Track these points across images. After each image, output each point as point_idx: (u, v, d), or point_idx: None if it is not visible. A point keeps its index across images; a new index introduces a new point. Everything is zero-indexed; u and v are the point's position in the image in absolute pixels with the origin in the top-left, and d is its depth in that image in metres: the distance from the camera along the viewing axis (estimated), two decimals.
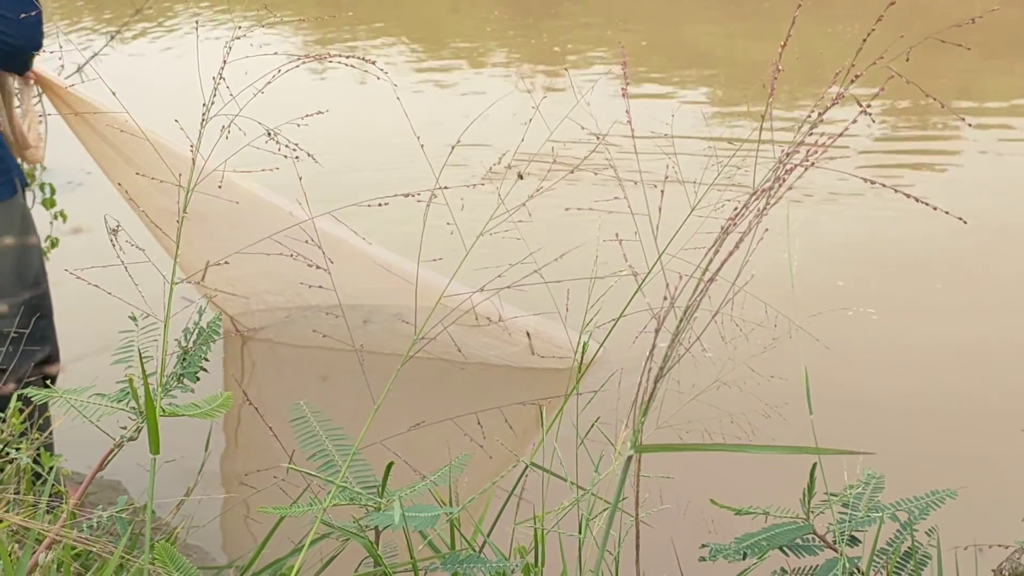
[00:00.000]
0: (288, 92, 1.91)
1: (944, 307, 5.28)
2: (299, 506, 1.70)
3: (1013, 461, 3.97)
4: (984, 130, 8.05)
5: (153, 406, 1.42)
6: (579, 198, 1.64)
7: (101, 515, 1.71)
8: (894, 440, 4.00)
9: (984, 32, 9.81)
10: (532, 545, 2.07)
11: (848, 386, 4.46)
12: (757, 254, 1.53)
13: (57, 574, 1.82)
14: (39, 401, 1.79)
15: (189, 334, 1.78)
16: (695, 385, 2.24)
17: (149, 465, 1.63)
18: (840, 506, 1.94)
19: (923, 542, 1.91)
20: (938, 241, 5.84)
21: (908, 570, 1.89)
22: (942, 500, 1.96)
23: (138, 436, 1.72)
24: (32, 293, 3.40)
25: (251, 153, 1.63)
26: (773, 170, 1.23)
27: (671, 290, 1.23)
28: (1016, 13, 11.38)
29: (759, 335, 2.26)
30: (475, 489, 1.84)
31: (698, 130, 7.75)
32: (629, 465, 1.10)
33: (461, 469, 1.79)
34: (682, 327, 1.17)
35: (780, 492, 2.10)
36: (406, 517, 1.60)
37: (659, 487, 2.07)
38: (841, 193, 6.59)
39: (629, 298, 1.54)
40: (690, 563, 2.02)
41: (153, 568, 1.55)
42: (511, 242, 1.75)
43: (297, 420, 1.80)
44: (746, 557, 1.91)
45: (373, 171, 6.39)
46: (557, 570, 2.02)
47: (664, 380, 1.13)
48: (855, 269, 5.65)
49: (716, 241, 1.21)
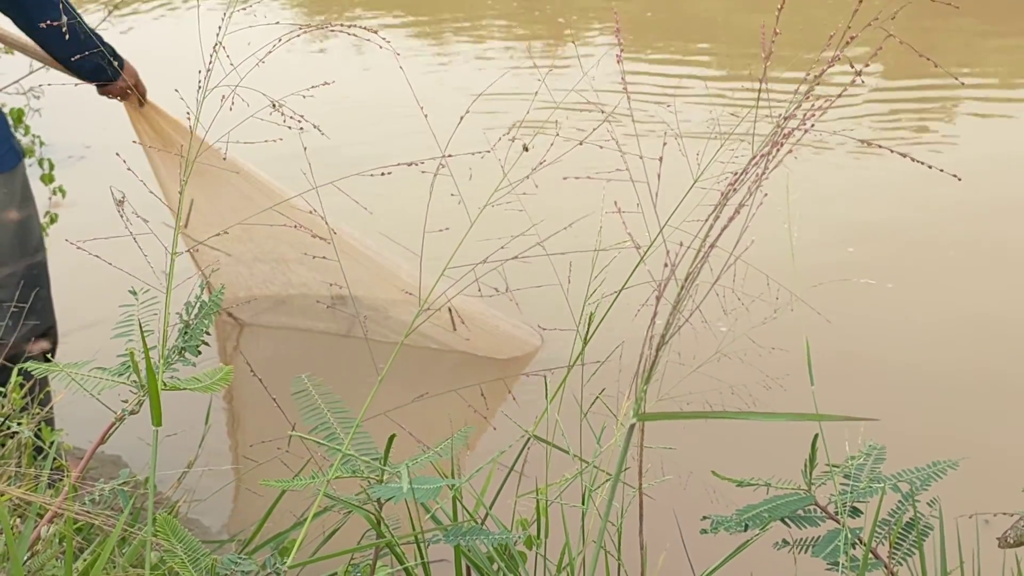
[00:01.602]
0: (287, 69, 1.90)
1: (953, 277, 5.27)
2: (301, 479, 1.69)
3: (1017, 432, 3.97)
4: (984, 103, 8.04)
5: (155, 378, 1.42)
6: (584, 167, 1.63)
7: (103, 488, 1.71)
8: (897, 411, 4.00)
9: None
10: (534, 518, 2.07)
11: (851, 357, 4.46)
12: (758, 227, 1.52)
13: (59, 547, 1.82)
14: (39, 375, 1.78)
15: (191, 308, 1.77)
16: (696, 357, 2.23)
17: (151, 439, 1.62)
18: (842, 477, 1.95)
19: (925, 513, 1.91)
20: (949, 211, 5.82)
21: (910, 541, 1.89)
22: (944, 471, 1.96)
23: (140, 410, 1.72)
24: (32, 260, 3.40)
25: (254, 125, 1.62)
26: (771, 135, 1.22)
27: (671, 257, 1.23)
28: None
29: (760, 307, 2.26)
30: (479, 462, 1.84)
31: (700, 99, 7.74)
32: (631, 434, 1.10)
33: (464, 442, 1.79)
34: (683, 295, 1.16)
35: (782, 464, 2.10)
36: (409, 489, 1.59)
37: (661, 459, 2.07)
38: (845, 165, 6.57)
39: (631, 270, 1.54)
40: (692, 534, 2.02)
41: (155, 540, 1.55)
42: (515, 213, 1.74)
43: (299, 393, 1.79)
44: (748, 529, 1.91)
45: (375, 143, 6.38)
46: (559, 542, 2.03)
47: (665, 349, 1.12)
48: (861, 239, 5.64)
49: (716, 207, 1.20)
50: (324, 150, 2.20)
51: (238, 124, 1.58)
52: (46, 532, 1.73)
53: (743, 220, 1.25)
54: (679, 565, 2.04)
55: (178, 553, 1.56)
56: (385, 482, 1.67)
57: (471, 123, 1.88)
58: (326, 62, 9.75)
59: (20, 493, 1.66)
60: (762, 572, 2.01)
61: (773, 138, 1.21)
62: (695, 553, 2.05)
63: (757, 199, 1.24)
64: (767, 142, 1.21)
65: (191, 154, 1.50)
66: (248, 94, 1.61)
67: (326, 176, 1.72)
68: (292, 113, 1.60)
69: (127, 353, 1.67)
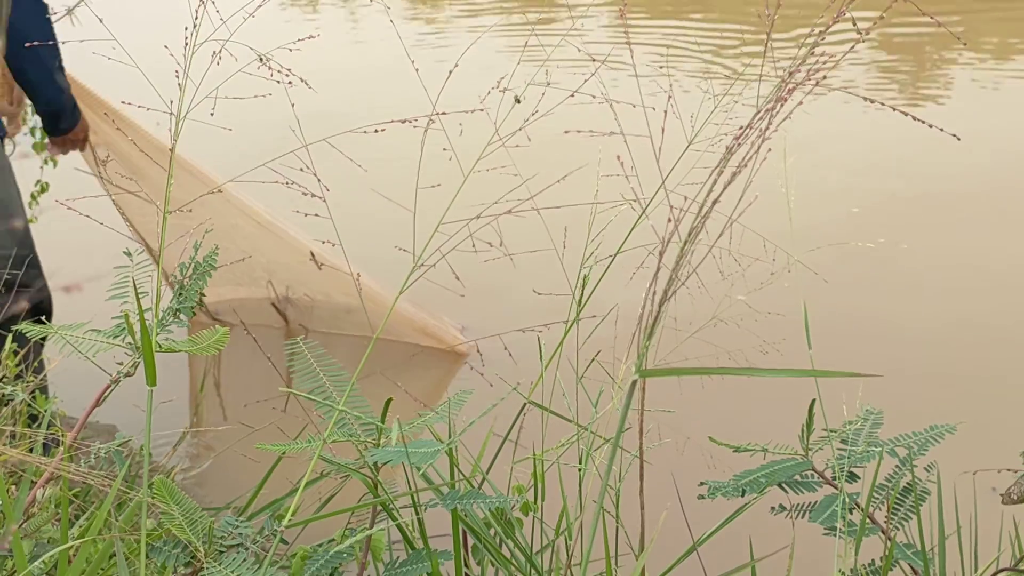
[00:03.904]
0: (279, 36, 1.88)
1: (956, 237, 5.27)
2: (298, 442, 1.68)
3: (1017, 395, 3.97)
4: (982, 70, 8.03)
5: (149, 337, 1.41)
6: (580, 125, 1.61)
7: (99, 448, 1.70)
8: (896, 375, 3.99)
9: None
10: (531, 484, 2.07)
11: (849, 320, 4.46)
12: (757, 191, 1.51)
13: (55, 511, 1.81)
14: (34, 336, 1.77)
15: (184, 268, 1.76)
16: (692, 323, 2.22)
17: (145, 405, 1.61)
18: (839, 442, 1.94)
19: (923, 477, 1.91)
20: (948, 172, 5.82)
21: (908, 505, 1.89)
22: (941, 435, 1.96)
23: (135, 372, 1.71)
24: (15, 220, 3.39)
25: (243, 81, 1.60)
26: (776, 89, 1.21)
27: (674, 213, 1.22)
28: None
29: (757, 273, 2.25)
30: (477, 429, 1.83)
31: (697, 61, 7.73)
32: (633, 391, 1.09)
33: (460, 404, 1.78)
34: (686, 249, 1.15)
35: (779, 430, 2.10)
36: (406, 453, 1.59)
37: (658, 425, 2.07)
38: (845, 128, 6.56)
39: (630, 229, 1.53)
40: (690, 500, 2.02)
41: (151, 501, 1.54)
42: (509, 173, 1.73)
43: (294, 356, 1.78)
44: (745, 494, 1.91)
45: (365, 108, 6.35)
46: (556, 507, 2.02)
47: (665, 309, 1.11)
48: (863, 200, 5.63)
49: (721, 161, 1.19)
50: (315, 116, 2.19)
51: (227, 79, 1.56)
52: (42, 495, 1.72)
53: (746, 176, 1.23)
54: (677, 529, 2.03)
55: (175, 515, 1.55)
56: (382, 446, 1.66)
57: (464, 82, 1.86)
58: (317, 31, 9.69)
59: (16, 453, 1.65)
60: (760, 537, 2.00)
61: (779, 92, 1.20)
62: (693, 518, 2.05)
63: (761, 154, 1.23)
64: (772, 97, 1.20)
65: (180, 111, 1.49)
66: (240, 51, 1.60)
67: (318, 133, 1.70)
68: (280, 67, 1.58)
69: (122, 315, 1.66)
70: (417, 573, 1.68)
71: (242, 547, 1.59)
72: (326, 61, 7.70)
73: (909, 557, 1.85)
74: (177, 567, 1.60)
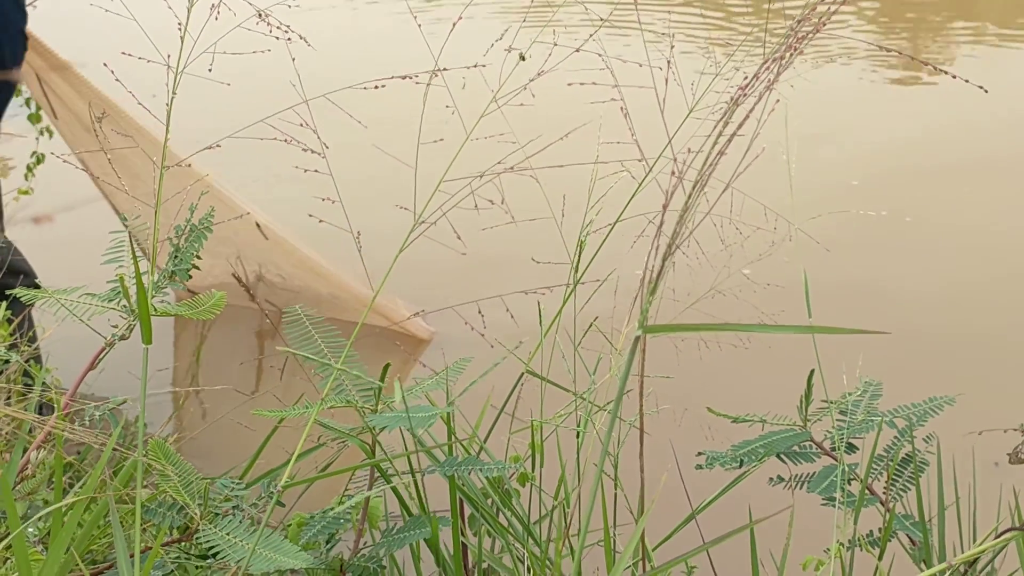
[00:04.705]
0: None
1: (960, 208, 5.25)
2: (295, 408, 1.67)
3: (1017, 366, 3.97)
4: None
5: (145, 295, 1.39)
6: (583, 86, 1.60)
7: (94, 408, 1.68)
8: (897, 345, 3.98)
9: None
10: (528, 453, 2.06)
11: (852, 289, 4.45)
12: (761, 158, 1.49)
13: (49, 472, 1.80)
14: (28, 300, 1.76)
15: (180, 231, 1.74)
16: (690, 294, 2.21)
17: (140, 373, 1.59)
18: (838, 413, 1.93)
19: (921, 448, 1.90)
20: (960, 143, 5.81)
21: (906, 476, 1.88)
22: (941, 407, 1.95)
23: (130, 335, 1.69)
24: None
25: (241, 35, 1.58)
26: (786, 36, 1.20)
27: (678, 166, 1.20)
28: None
29: (756, 244, 2.23)
30: (474, 393, 1.82)
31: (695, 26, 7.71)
32: (635, 348, 1.08)
33: (459, 372, 1.77)
34: (691, 202, 1.14)
35: (778, 401, 2.09)
36: (405, 418, 1.58)
37: (656, 395, 2.06)
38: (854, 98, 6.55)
39: (631, 194, 1.52)
40: (688, 469, 2.01)
41: (147, 460, 1.52)
42: (511, 133, 1.71)
43: (291, 323, 1.77)
44: (743, 464, 1.90)
45: (366, 60, 6.32)
46: (555, 477, 2.01)
47: (670, 262, 1.10)
48: (869, 170, 5.62)
49: (725, 113, 1.18)
50: (314, 74, 2.16)
51: (226, 33, 1.54)
52: (36, 457, 1.71)
53: (751, 133, 1.22)
54: (676, 499, 2.03)
55: (171, 476, 1.54)
56: (379, 412, 1.65)
57: (467, 42, 1.84)
58: None
59: (12, 411, 1.64)
60: (759, 507, 2.00)
61: (788, 41, 1.18)
62: (692, 487, 2.05)
63: (768, 107, 1.21)
64: (781, 47, 1.19)
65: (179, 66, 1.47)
66: (237, 7, 1.58)
67: (318, 88, 1.68)
68: (279, 23, 1.57)
69: (117, 277, 1.65)
70: (415, 539, 1.67)
71: (238, 510, 1.58)
72: (324, 23, 7.67)
73: (908, 528, 1.85)
74: (172, 529, 1.59)
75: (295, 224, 4.36)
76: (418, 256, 1.73)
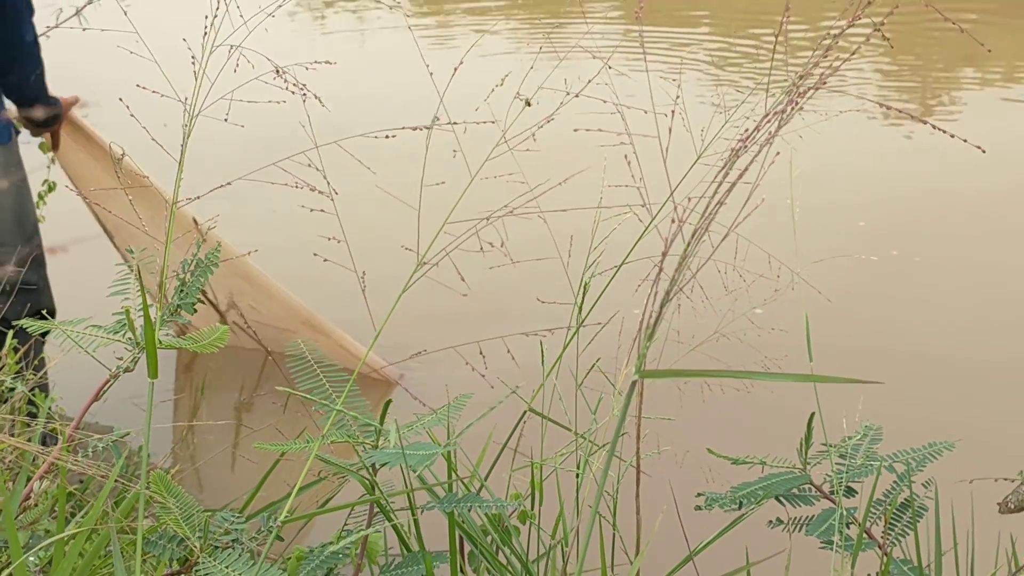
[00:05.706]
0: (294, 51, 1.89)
1: (963, 256, 5.26)
2: (296, 442, 1.68)
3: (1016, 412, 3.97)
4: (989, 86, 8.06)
5: (152, 329, 1.41)
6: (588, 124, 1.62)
7: (97, 440, 1.70)
8: (896, 391, 3.98)
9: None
10: (528, 491, 2.06)
11: (851, 338, 4.45)
12: (764, 204, 1.51)
13: (52, 501, 1.81)
14: (35, 331, 1.77)
15: (187, 265, 1.76)
16: (695, 336, 2.22)
17: (144, 405, 1.61)
18: (837, 457, 1.94)
19: (921, 493, 1.91)
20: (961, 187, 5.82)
21: (905, 521, 1.89)
22: (940, 452, 1.96)
23: (135, 367, 1.71)
24: (30, 245, 3.40)
25: (255, 88, 1.61)
26: (788, 91, 1.21)
27: (679, 212, 1.22)
28: None
29: (761, 289, 2.24)
30: (476, 431, 1.83)
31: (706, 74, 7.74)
32: (632, 392, 1.09)
33: (460, 408, 1.78)
34: (689, 251, 1.15)
35: (777, 445, 2.10)
36: (403, 455, 1.59)
37: (657, 437, 2.07)
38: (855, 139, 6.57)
39: (636, 239, 1.53)
40: (687, 510, 2.02)
41: (149, 493, 1.53)
42: (517, 175, 1.73)
43: (293, 358, 1.78)
44: (742, 506, 1.91)
45: (377, 116, 6.36)
46: (554, 513, 2.02)
47: (668, 307, 1.11)
48: (876, 210, 5.64)
49: (726, 163, 1.19)
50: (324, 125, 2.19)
51: (243, 84, 1.57)
52: (39, 487, 1.72)
53: (752, 181, 1.24)
54: (674, 540, 2.03)
55: (172, 509, 1.55)
56: (380, 448, 1.66)
57: (474, 82, 1.86)
58: (329, 45, 9.80)
59: (15, 441, 1.65)
60: (756, 550, 2.00)
61: (790, 96, 1.20)
62: (690, 529, 2.05)
63: (769, 157, 1.23)
64: (783, 101, 1.20)
65: (192, 107, 1.50)
66: (256, 60, 1.61)
67: (329, 136, 1.71)
68: (295, 80, 1.60)
69: (123, 311, 1.66)
70: (413, 575, 1.67)
71: (238, 543, 1.59)
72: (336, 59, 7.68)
73: (905, 573, 1.85)
74: (172, 561, 1.60)
75: (297, 262, 4.39)
76: (418, 299, 1.75)
